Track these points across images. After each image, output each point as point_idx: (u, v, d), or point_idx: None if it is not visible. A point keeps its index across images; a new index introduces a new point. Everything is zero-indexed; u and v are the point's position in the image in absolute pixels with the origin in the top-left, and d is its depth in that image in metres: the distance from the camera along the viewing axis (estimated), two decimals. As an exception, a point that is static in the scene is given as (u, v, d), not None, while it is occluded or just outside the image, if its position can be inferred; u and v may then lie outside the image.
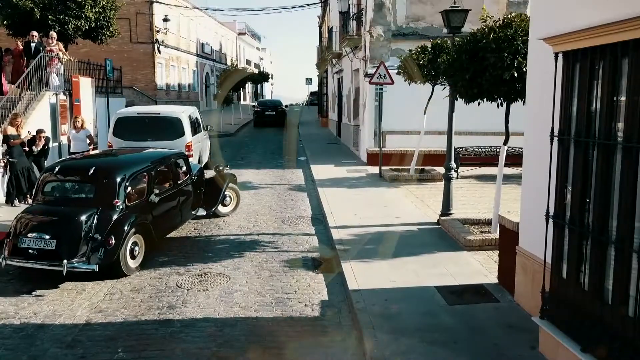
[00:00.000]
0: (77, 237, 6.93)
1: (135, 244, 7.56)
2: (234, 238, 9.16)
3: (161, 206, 8.30)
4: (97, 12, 17.61)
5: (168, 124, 12.22)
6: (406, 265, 7.34)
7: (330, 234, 9.01)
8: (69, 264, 6.72)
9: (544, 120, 5.25)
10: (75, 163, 8.53)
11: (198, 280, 7.13)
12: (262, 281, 7.08)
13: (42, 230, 7.00)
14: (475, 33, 8.05)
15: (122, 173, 7.64)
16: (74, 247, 6.89)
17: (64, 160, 9.11)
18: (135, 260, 7.53)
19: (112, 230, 7.14)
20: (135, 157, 8.83)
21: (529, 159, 5.88)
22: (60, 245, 6.85)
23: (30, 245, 6.93)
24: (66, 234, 6.93)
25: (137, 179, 7.93)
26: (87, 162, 8.45)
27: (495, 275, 6.88)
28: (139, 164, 8.18)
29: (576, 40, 4.34)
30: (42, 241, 6.91)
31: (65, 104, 14.81)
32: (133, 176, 7.80)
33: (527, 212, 5.90)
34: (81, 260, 6.86)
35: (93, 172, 7.58)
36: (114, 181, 7.48)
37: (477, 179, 13.90)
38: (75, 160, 8.81)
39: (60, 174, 7.79)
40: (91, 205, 7.25)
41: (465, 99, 8.39)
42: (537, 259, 5.55)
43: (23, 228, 7.09)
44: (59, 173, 7.78)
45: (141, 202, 7.86)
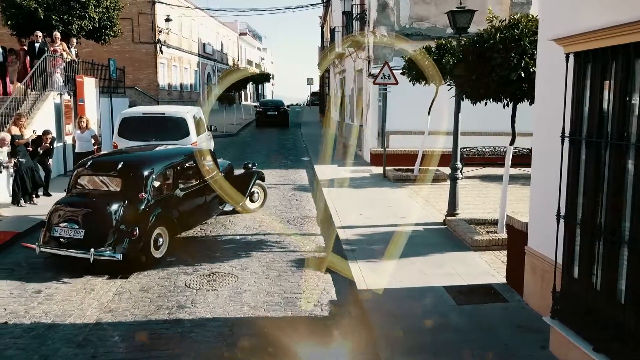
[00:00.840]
0: (104, 227, 7.37)
1: (160, 236, 7.90)
2: (240, 238, 9.17)
3: (186, 200, 8.64)
4: (101, 12, 17.62)
5: (173, 124, 12.23)
6: (414, 265, 7.36)
7: (337, 234, 9.02)
8: (95, 252, 7.14)
9: (554, 121, 5.27)
10: (105, 158, 9.02)
11: (206, 280, 7.14)
12: (270, 281, 7.09)
13: (72, 220, 7.47)
14: (482, 33, 8.06)
15: (148, 168, 8.07)
16: (101, 237, 7.30)
17: (96, 155, 9.56)
18: (159, 251, 7.89)
19: (137, 222, 7.51)
20: (162, 153, 9.31)
21: (537, 159, 5.89)
22: (88, 235, 7.30)
23: (61, 234, 7.41)
24: (94, 224, 7.39)
25: (163, 174, 8.31)
26: (116, 157, 8.86)
27: (503, 275, 6.90)
28: (165, 160, 8.59)
29: (588, 41, 4.36)
30: (72, 231, 7.38)
31: (70, 104, 14.84)
32: (159, 171, 8.20)
33: (536, 213, 5.91)
34: (107, 250, 7.26)
35: (121, 167, 8.04)
36: (141, 175, 7.92)
37: (481, 179, 13.92)
38: (106, 156, 9.26)
39: (91, 169, 8.29)
40: (118, 198, 7.66)
41: (471, 99, 8.41)
42: (547, 259, 5.57)
43: (56, 218, 7.55)
44: (90, 167, 8.29)
45: (166, 196, 8.25)
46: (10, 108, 13.07)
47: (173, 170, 8.51)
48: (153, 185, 8.00)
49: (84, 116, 13.04)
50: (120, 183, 7.92)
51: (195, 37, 39.31)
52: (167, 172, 8.44)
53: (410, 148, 15.42)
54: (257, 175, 10.92)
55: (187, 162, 8.96)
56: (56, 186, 12.52)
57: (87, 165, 8.33)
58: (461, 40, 9.10)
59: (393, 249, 7.95)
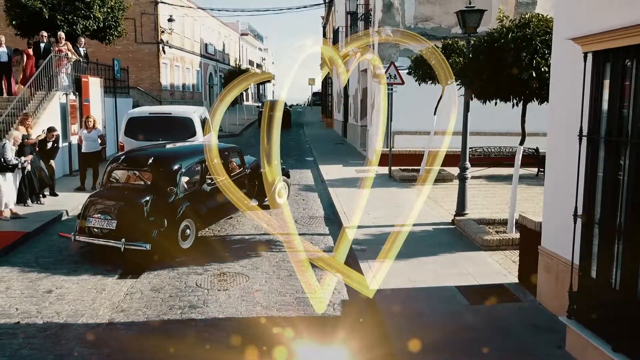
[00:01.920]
0: (135, 219, 7.75)
1: (187, 227, 8.25)
2: (249, 238, 9.16)
3: (213, 195, 8.87)
4: (106, 12, 17.62)
5: (180, 123, 12.22)
6: (425, 265, 7.35)
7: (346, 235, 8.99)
8: (126, 242, 7.56)
9: (569, 120, 5.26)
10: (137, 153, 9.30)
11: (217, 280, 7.13)
12: (281, 281, 7.08)
13: (105, 212, 7.92)
14: (493, 33, 8.05)
15: (177, 163, 8.46)
16: (132, 228, 7.69)
17: (128, 151, 9.89)
18: (186, 242, 8.25)
19: (165, 214, 7.90)
20: (191, 149, 9.74)
21: (552, 158, 5.87)
22: (119, 226, 7.72)
23: (95, 225, 7.89)
24: (125, 216, 7.80)
25: (191, 169, 8.67)
26: (147, 152, 9.14)
27: (515, 275, 6.88)
28: (193, 156, 8.91)
29: (607, 40, 4.34)
30: (105, 222, 7.84)
31: (75, 104, 14.82)
32: (187, 166, 8.56)
33: (550, 212, 5.89)
34: (137, 240, 7.61)
35: (152, 162, 8.44)
36: (170, 170, 8.33)
37: (487, 179, 13.90)
38: (138, 151, 9.52)
39: (124, 163, 8.72)
40: (149, 192, 8.05)
41: (481, 98, 8.39)
42: (562, 259, 5.55)
43: (90, 210, 8.01)
44: (123, 162, 8.73)
45: (194, 190, 8.63)
46: (16, 108, 13.06)
47: (201, 165, 8.80)
48: (182, 180, 8.36)
49: (91, 116, 13.03)
50: (151, 177, 8.32)
51: (197, 37, 39.29)
52: (196, 168, 8.80)
53: (415, 148, 15.41)
54: (283, 171, 11.16)
55: (223, 156, 9.30)
56: (62, 186, 12.53)
57: (120, 160, 8.75)
58: (471, 40, 9.09)
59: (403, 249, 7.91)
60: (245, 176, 10.18)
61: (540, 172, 14.23)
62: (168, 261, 7.81)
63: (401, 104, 14.95)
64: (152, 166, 8.41)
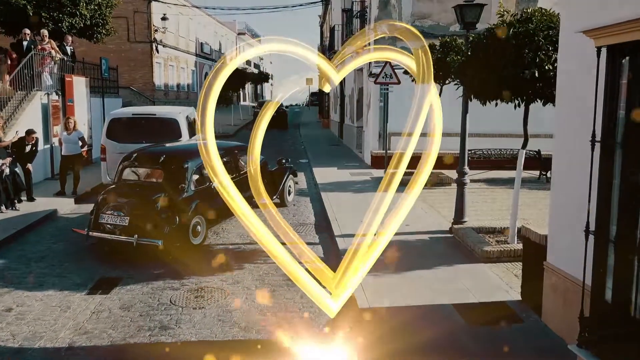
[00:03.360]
0: (147, 215, 7.87)
1: (198, 224, 8.38)
2: (233, 247, 8.59)
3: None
4: (92, 10, 17.04)
5: (164, 125, 11.64)
6: (420, 280, 6.79)
7: (336, 244, 8.45)
8: (139, 238, 7.68)
9: (579, 123, 4.71)
10: (149, 151, 9.39)
11: (194, 296, 6.56)
12: (264, 298, 6.51)
13: (118, 208, 8.02)
14: (493, 28, 7.50)
15: (188, 161, 8.57)
16: (144, 224, 7.78)
17: (140, 149, 9.74)
18: (197, 238, 8.39)
19: (177, 211, 8.03)
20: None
21: (560, 165, 5.31)
22: (132, 222, 7.84)
23: (108, 221, 8.01)
24: (138, 212, 7.90)
25: (201, 167, 8.52)
26: (159, 150, 9.32)
27: (517, 291, 6.32)
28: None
29: (624, 33, 3.78)
30: (118, 218, 7.96)
31: (58, 104, 14.24)
32: (199, 164, 8.49)
33: (557, 225, 5.33)
34: (149, 236, 7.72)
35: (163, 160, 8.62)
36: (181, 168, 8.50)
37: (486, 182, 13.33)
38: (149, 149, 9.57)
39: (136, 161, 8.86)
40: (161, 189, 8.17)
41: (481, 99, 7.84)
42: (569, 277, 5.00)
43: (103, 206, 8.14)
44: (135, 160, 8.86)
45: (205, 188, 8.64)
46: (-5, 109, 12.50)
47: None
48: (193, 178, 8.52)
49: (71, 117, 12.43)
50: (163, 175, 8.46)
51: (192, 36, 38.69)
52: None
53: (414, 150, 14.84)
54: (290, 170, 11.42)
55: (225, 157, 9.19)
56: (42, 190, 11.97)
57: (132, 157, 8.88)
58: (469, 36, 8.53)
59: (397, 261, 7.36)
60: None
61: (542, 176, 13.67)
62: (142, 274, 7.26)
63: (397, 104, 14.39)
64: (163, 164, 8.56)
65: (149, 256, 7.80)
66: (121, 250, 8.02)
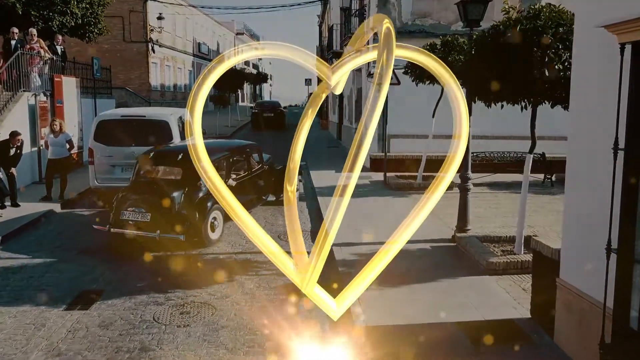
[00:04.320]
0: (168, 212, 8.14)
1: (215, 219, 8.67)
2: (224, 257, 8.15)
3: (238, 189, 8.95)
4: (84, 8, 16.60)
5: (155, 127, 11.17)
6: (421, 294, 6.35)
7: (332, 253, 8.00)
8: (161, 233, 8.01)
9: (599, 128, 4.27)
10: (167, 149, 9.66)
11: (179, 312, 6.11)
12: (253, 314, 6.07)
13: (139, 205, 8.31)
14: (498, 25, 7.07)
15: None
16: (165, 220, 8.08)
17: (157, 147, 9.93)
18: (215, 232, 8.68)
19: (196, 207, 8.35)
20: (219, 145, 10.65)
21: (575, 173, 4.87)
22: (154, 218, 8.14)
23: (129, 217, 8.27)
24: (159, 209, 8.16)
25: (219, 165, 8.92)
26: (177, 149, 9.54)
27: (526, 307, 5.88)
28: (220, 152, 9.37)
29: (654, 27, 3.35)
30: (139, 214, 8.25)
31: (46, 105, 13.78)
32: (215, 162, 8.50)
33: (572, 239, 4.89)
34: (171, 231, 8.02)
35: (182, 158, 8.68)
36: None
37: (489, 187, 12.89)
38: (167, 148, 9.81)
39: (154, 159, 9.13)
40: (180, 186, 8.43)
41: (485, 101, 7.40)
42: (586, 297, 4.56)
43: (123, 203, 8.39)
44: (153, 158, 9.13)
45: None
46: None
47: (227, 161, 9.32)
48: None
49: (57, 119, 11.95)
50: (181, 172, 8.64)
51: (189, 36, 38.28)
52: (223, 163, 9.19)
53: (412, 153, 14.43)
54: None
55: (239, 155, 9.91)
56: (29, 195, 11.53)
57: (150, 156, 9.13)
58: (473, 34, 8.10)
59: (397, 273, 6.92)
60: (264, 172, 10.60)
61: (546, 179, 13.25)
62: (126, 286, 6.83)
63: (397, 106, 13.97)
64: (182, 162, 8.62)
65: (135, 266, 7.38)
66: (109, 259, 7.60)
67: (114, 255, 8.20)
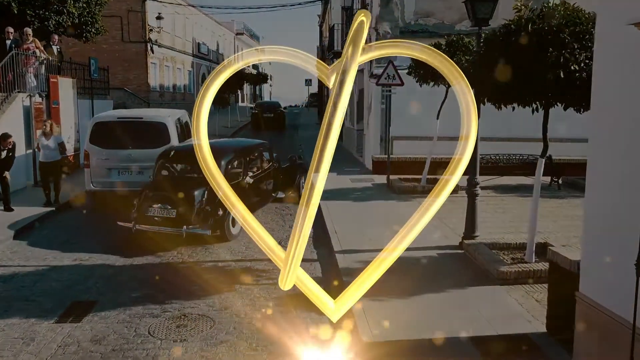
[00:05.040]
0: (193, 208, 8.43)
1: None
2: (223, 265, 7.86)
3: (254, 186, 9.67)
4: (81, 8, 16.29)
5: (152, 129, 10.90)
6: (429, 306, 6.05)
7: (335, 261, 7.72)
8: (187, 228, 8.25)
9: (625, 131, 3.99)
10: (187, 148, 9.49)
11: (175, 326, 5.81)
12: (254, 327, 5.77)
13: (165, 201, 8.50)
14: (509, 24, 6.77)
15: (226, 158, 9.13)
16: (191, 216, 8.38)
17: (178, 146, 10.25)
18: (235, 227, 8.89)
19: (219, 203, 8.01)
20: (232, 144, 11.27)
21: (597, 179, 4.56)
22: (180, 214, 8.37)
23: (155, 214, 8.52)
24: (184, 205, 8.40)
25: (237, 162, 9.48)
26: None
27: (541, 321, 5.58)
28: (240, 151, 9.91)
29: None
30: (165, 211, 8.49)
31: (41, 106, 13.47)
32: (233, 160, 9.41)
33: (594, 250, 4.59)
34: (196, 227, 8.33)
35: None
36: (220, 163, 8.49)
37: (495, 190, 12.59)
38: (187, 146, 9.71)
39: (174, 157, 9.51)
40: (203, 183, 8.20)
41: (495, 103, 7.10)
42: (611, 314, 4.25)
43: (148, 201, 8.61)
44: (173, 156, 9.51)
45: (239, 182, 9.18)
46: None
47: (244, 160, 9.69)
48: (229, 172, 9.00)
49: (47, 120, 11.55)
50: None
51: (189, 36, 37.95)
52: (241, 161, 9.59)
53: (416, 155, 14.12)
54: (302, 167, 11.87)
55: (253, 154, 10.27)
56: (23, 199, 11.23)
57: (170, 154, 9.49)
58: (482, 33, 7.80)
59: (403, 283, 6.62)
60: (275, 170, 10.96)
61: (553, 182, 12.95)
62: (121, 296, 6.54)
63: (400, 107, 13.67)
64: None
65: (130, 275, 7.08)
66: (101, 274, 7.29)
67: (109, 263, 7.91)
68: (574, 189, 12.74)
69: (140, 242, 8.46)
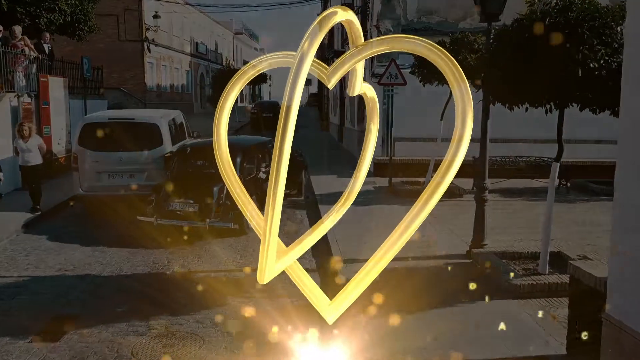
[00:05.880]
0: (214, 202, 8.71)
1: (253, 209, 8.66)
2: (215, 275, 7.39)
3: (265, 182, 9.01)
4: (73, 5, 15.82)
5: (144, 131, 10.42)
6: (437, 323, 5.59)
7: (336, 271, 7.23)
8: (210, 222, 8.56)
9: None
10: (204, 145, 9.93)
11: (161, 345, 5.35)
12: (247, 349, 5.29)
13: (186, 196, 8.77)
14: (522, 19, 6.32)
15: (240, 154, 9.32)
16: (212, 210, 8.67)
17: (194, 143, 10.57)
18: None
19: None
20: (250, 141, 11.35)
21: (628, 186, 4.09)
22: (202, 208, 8.65)
23: (177, 208, 8.74)
24: (206, 199, 8.69)
25: (251, 158, 9.77)
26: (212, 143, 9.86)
27: (559, 340, 5.13)
28: (254, 147, 10.20)
29: None
30: (187, 205, 8.75)
31: (30, 107, 13.00)
32: (248, 156, 9.71)
33: (625, 269, 4.12)
34: (217, 220, 8.64)
35: None
36: (235, 160, 8.73)
37: (501, 194, 12.10)
38: (206, 142, 9.97)
39: (193, 153, 9.84)
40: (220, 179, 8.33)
41: (507, 103, 6.64)
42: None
43: (168, 195, 8.74)
44: (191, 153, 9.86)
45: (254, 177, 9.48)
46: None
47: (257, 156, 9.91)
48: (245, 168, 9.25)
49: (25, 122, 10.97)
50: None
51: (187, 35, 37.50)
52: (255, 157, 9.84)
53: (419, 157, 13.65)
54: (303, 164, 11.77)
55: (264, 150, 10.31)
56: (8, 203, 10.75)
57: (188, 151, 9.89)
58: (492, 29, 7.34)
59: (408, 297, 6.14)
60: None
61: (562, 185, 12.48)
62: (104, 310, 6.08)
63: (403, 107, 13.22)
64: None
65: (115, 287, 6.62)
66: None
67: (95, 273, 7.45)
68: (583, 193, 12.30)
69: (130, 250, 8.03)
